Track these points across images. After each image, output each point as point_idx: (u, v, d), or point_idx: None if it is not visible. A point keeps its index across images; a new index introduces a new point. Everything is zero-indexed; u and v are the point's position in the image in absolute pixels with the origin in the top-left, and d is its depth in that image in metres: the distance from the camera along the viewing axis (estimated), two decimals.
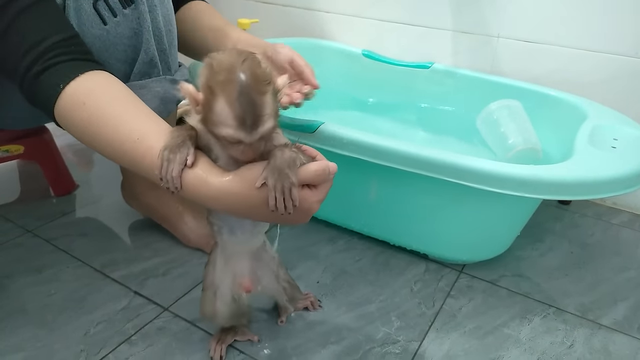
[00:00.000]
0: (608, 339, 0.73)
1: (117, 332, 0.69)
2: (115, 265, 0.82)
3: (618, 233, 1.00)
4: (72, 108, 0.55)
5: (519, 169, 0.69)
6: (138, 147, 0.52)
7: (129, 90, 0.58)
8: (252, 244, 0.62)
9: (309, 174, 0.49)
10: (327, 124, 0.77)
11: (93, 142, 0.55)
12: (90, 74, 0.56)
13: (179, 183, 0.49)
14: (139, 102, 0.57)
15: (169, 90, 0.73)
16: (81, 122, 0.55)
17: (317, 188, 0.51)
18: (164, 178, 0.49)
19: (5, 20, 0.55)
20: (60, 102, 0.55)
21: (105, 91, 0.56)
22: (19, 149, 0.94)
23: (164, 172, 0.49)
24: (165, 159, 0.49)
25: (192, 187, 0.50)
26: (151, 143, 0.51)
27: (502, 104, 0.99)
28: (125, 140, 0.52)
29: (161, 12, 0.68)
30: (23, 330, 0.69)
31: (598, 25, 0.98)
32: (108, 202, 1.00)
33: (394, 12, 1.20)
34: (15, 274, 0.80)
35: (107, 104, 0.54)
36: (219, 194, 0.49)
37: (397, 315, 0.75)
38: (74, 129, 0.56)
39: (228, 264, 0.62)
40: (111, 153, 0.55)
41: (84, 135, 0.56)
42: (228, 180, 0.49)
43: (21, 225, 0.92)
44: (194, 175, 0.49)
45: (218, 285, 0.63)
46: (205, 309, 0.64)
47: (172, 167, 0.48)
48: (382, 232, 0.90)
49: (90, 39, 0.63)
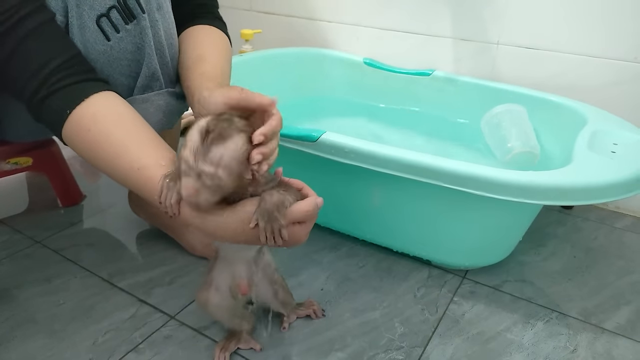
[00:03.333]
0: (611, 343, 0.73)
1: (124, 340, 0.70)
2: (122, 274, 0.84)
3: (621, 237, 1.00)
4: (77, 134, 0.57)
5: (519, 175, 0.69)
6: (139, 176, 0.55)
7: (133, 111, 0.60)
8: (249, 252, 0.64)
9: (300, 214, 0.52)
10: (328, 133, 0.78)
11: (97, 165, 0.59)
12: (95, 98, 0.58)
13: (177, 210, 0.52)
14: (141, 125, 0.59)
15: (172, 103, 0.75)
16: (86, 147, 0.58)
17: (306, 223, 0.54)
18: (163, 203, 0.52)
19: (10, 45, 0.57)
20: (67, 127, 0.58)
21: (109, 117, 0.58)
22: (28, 161, 0.96)
23: (163, 198, 0.52)
24: (165, 187, 0.52)
25: (190, 217, 0.53)
26: (151, 174, 0.54)
27: (506, 107, 1.00)
28: (129, 169, 0.55)
29: (162, 27, 0.70)
30: (33, 340, 0.70)
31: (597, 30, 0.99)
32: (114, 212, 1.02)
33: (394, 21, 1.21)
34: (25, 284, 0.81)
35: (111, 132, 0.57)
36: (215, 228, 0.52)
37: (401, 321, 0.75)
38: (79, 152, 0.60)
39: (227, 266, 0.65)
40: (114, 177, 0.58)
41: (89, 158, 0.59)
42: (224, 217, 0.52)
43: (30, 236, 0.93)
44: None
45: (214, 277, 0.65)
46: (200, 295, 0.66)
47: (171, 194, 0.51)
48: (384, 239, 0.91)
49: (95, 55, 0.65)
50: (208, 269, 0.66)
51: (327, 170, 0.82)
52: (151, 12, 0.67)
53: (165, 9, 0.70)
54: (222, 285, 0.65)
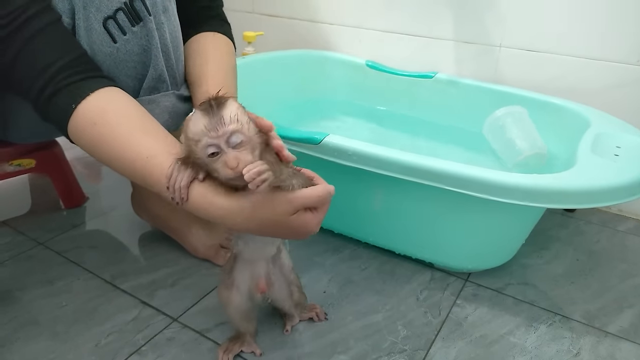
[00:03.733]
0: (614, 346, 0.73)
1: (127, 342, 0.70)
2: (125, 276, 0.84)
3: (624, 240, 1.00)
4: (83, 128, 0.57)
5: (522, 178, 0.69)
6: (147, 164, 0.54)
7: (138, 105, 0.60)
8: (265, 252, 0.65)
9: (312, 198, 0.52)
10: (331, 136, 0.79)
11: (103, 160, 0.58)
12: (101, 92, 0.58)
13: (185, 194, 0.51)
14: (147, 118, 0.59)
15: (177, 105, 0.75)
16: (92, 141, 0.57)
17: (318, 210, 0.53)
18: (171, 187, 0.51)
19: (17, 46, 0.57)
20: (72, 122, 0.57)
21: (115, 110, 0.58)
22: (31, 163, 0.96)
23: (172, 182, 0.51)
24: (176, 170, 0.51)
25: (197, 202, 0.52)
26: (160, 160, 0.53)
27: (508, 110, 1.00)
28: (136, 159, 0.55)
29: (168, 29, 0.70)
30: (36, 342, 0.70)
31: (600, 33, 0.99)
32: (117, 214, 1.02)
33: (396, 23, 1.21)
34: (28, 286, 0.81)
35: (117, 124, 0.57)
36: (224, 214, 0.51)
37: (404, 324, 0.75)
38: (86, 147, 0.59)
39: (246, 266, 0.65)
40: (121, 170, 0.57)
41: (95, 153, 0.58)
42: (234, 199, 0.51)
43: (33, 237, 0.93)
44: (203, 189, 0.51)
45: (235, 277, 0.65)
46: (222, 293, 0.66)
47: (181, 177, 0.51)
48: (387, 241, 0.91)
49: (101, 57, 0.65)
50: (228, 269, 0.66)
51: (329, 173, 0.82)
52: (157, 14, 0.67)
53: (171, 12, 0.70)
54: (242, 286, 0.65)
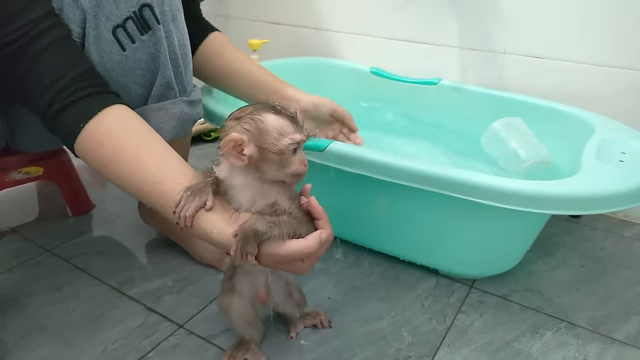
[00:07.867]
0: (621, 353, 0.72)
1: (134, 349, 0.71)
2: (132, 282, 0.84)
3: (630, 246, 0.99)
4: (91, 148, 0.58)
5: (526, 185, 0.69)
6: (152, 190, 0.56)
7: (145, 125, 0.61)
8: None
9: (295, 254, 0.52)
10: (335, 143, 0.79)
11: (110, 179, 0.59)
12: (108, 111, 0.59)
13: (190, 222, 0.53)
14: (154, 139, 0.60)
15: (185, 111, 0.76)
16: (102, 161, 0.59)
17: (310, 258, 0.54)
18: (177, 214, 0.53)
19: (27, 60, 0.58)
20: (80, 141, 0.59)
21: (123, 131, 0.59)
22: (39, 171, 0.97)
23: (179, 210, 0.53)
24: (184, 199, 0.53)
25: (201, 229, 0.54)
26: (165, 189, 0.55)
27: (506, 121, 1.00)
28: (142, 183, 0.56)
29: (177, 37, 0.71)
30: (43, 348, 0.71)
31: (604, 39, 0.99)
32: (123, 221, 1.03)
33: (401, 30, 1.22)
34: (35, 292, 0.82)
35: (124, 147, 0.58)
36: (226, 241, 0.53)
37: (409, 331, 0.75)
38: (92, 165, 0.60)
39: (246, 276, 0.66)
40: (128, 190, 0.59)
41: (102, 171, 0.60)
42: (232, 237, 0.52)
43: (40, 244, 0.94)
44: (208, 218, 0.53)
45: (236, 283, 0.66)
46: (222, 300, 0.67)
47: (188, 206, 0.53)
48: (391, 248, 0.91)
49: (110, 64, 0.66)
50: (228, 276, 0.67)
51: (334, 180, 0.83)
52: (166, 23, 0.68)
53: (180, 20, 0.72)
54: (243, 293, 0.66)
